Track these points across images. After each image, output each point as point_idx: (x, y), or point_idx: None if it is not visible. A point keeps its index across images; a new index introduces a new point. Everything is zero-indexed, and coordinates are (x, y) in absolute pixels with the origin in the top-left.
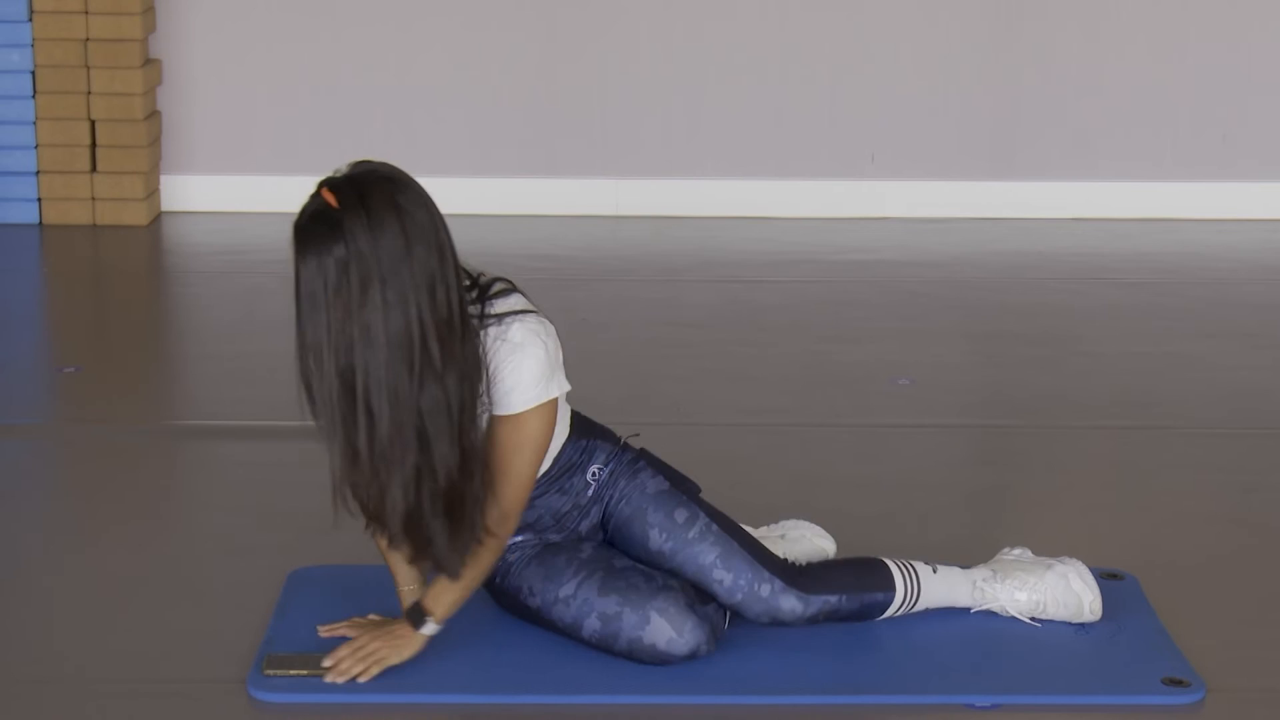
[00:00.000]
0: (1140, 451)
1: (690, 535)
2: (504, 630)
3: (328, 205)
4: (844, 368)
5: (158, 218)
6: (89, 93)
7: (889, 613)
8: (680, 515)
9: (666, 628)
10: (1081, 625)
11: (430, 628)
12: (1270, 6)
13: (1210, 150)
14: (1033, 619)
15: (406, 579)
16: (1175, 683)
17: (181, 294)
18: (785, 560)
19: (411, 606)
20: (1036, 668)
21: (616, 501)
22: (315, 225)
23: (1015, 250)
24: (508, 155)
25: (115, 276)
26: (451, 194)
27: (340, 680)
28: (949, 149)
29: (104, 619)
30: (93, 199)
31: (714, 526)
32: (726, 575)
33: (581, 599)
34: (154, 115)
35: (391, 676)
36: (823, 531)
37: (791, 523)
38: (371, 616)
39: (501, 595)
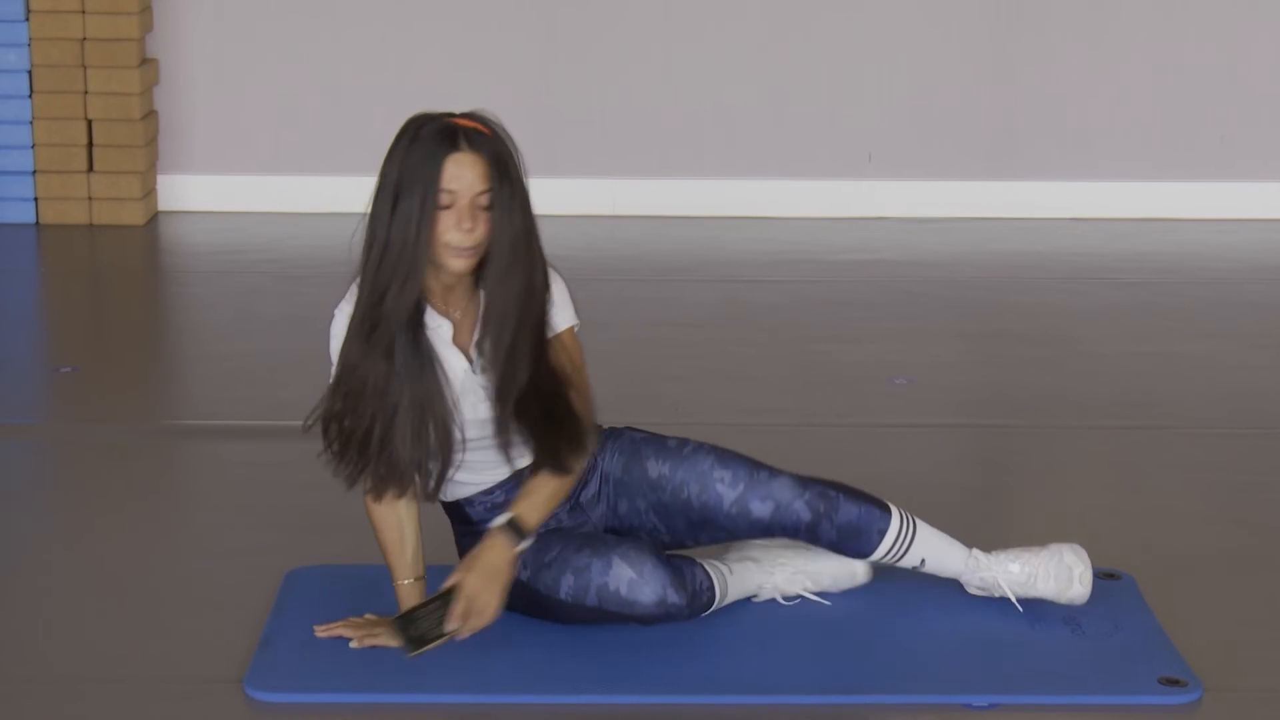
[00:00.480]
0: (1139, 451)
1: (685, 452)
2: (501, 630)
3: (481, 131)
4: (842, 367)
5: (154, 217)
6: (86, 92)
7: (885, 544)
8: (672, 442)
9: (627, 569)
10: (1077, 625)
11: (527, 542)
12: (1268, 7)
13: (1208, 150)
14: (1020, 598)
15: (405, 572)
16: (1172, 682)
17: (179, 294)
18: None
19: (507, 522)
20: (1034, 667)
21: (610, 458)
22: (483, 137)
23: (1014, 250)
24: None
25: (112, 276)
26: None
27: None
28: (947, 149)
29: (101, 619)
30: (89, 198)
31: (706, 444)
32: (725, 473)
33: (562, 559)
34: (151, 115)
35: (390, 677)
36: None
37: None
38: (368, 616)
39: None
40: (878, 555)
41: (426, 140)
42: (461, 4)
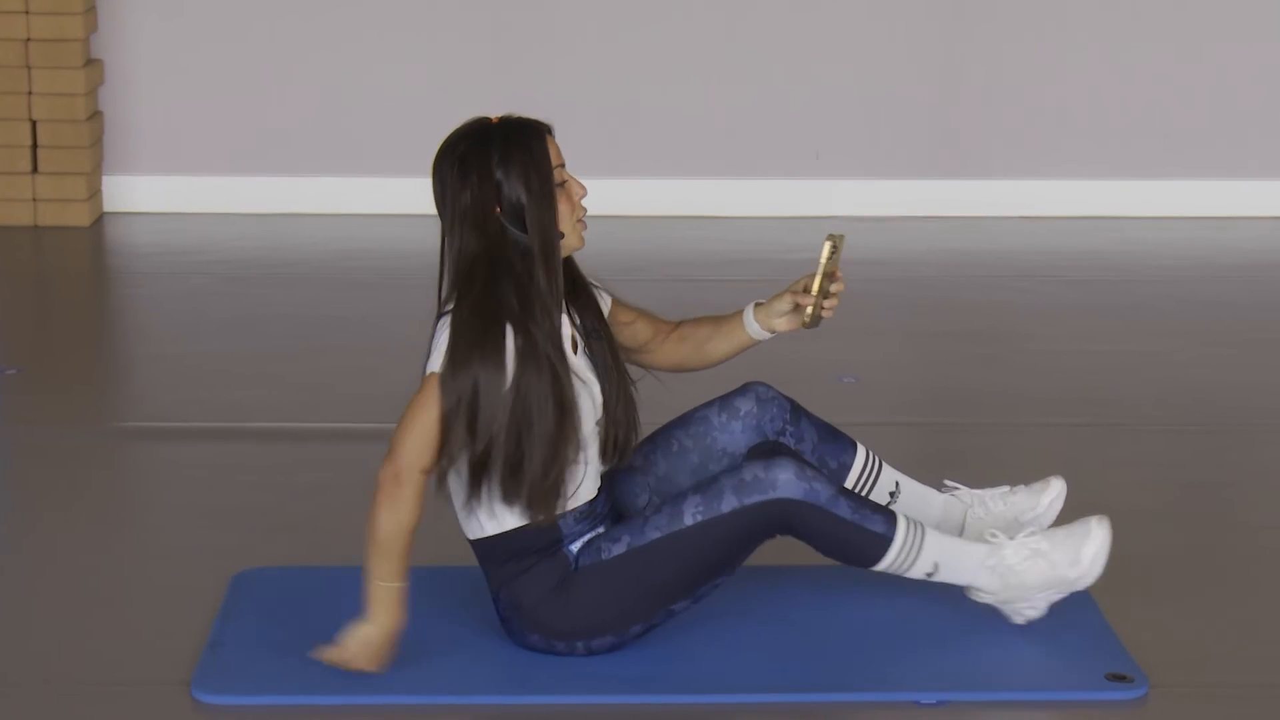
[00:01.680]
0: (1087, 448)
1: (655, 439)
2: (457, 632)
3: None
4: (791, 365)
5: (100, 219)
6: (30, 93)
7: (861, 451)
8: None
9: (755, 462)
10: (1027, 621)
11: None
12: (1212, 6)
13: (1154, 149)
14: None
15: (400, 575)
16: (1119, 678)
17: (124, 295)
18: None
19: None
20: (981, 664)
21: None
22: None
23: (963, 249)
24: None
25: (57, 278)
26: (395, 195)
27: None
28: (896, 147)
29: (45, 621)
30: (34, 200)
31: None
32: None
33: (673, 502)
34: (96, 116)
35: (338, 678)
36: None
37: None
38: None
39: (573, 582)
40: (858, 463)
41: (517, 138)
42: (408, 5)
